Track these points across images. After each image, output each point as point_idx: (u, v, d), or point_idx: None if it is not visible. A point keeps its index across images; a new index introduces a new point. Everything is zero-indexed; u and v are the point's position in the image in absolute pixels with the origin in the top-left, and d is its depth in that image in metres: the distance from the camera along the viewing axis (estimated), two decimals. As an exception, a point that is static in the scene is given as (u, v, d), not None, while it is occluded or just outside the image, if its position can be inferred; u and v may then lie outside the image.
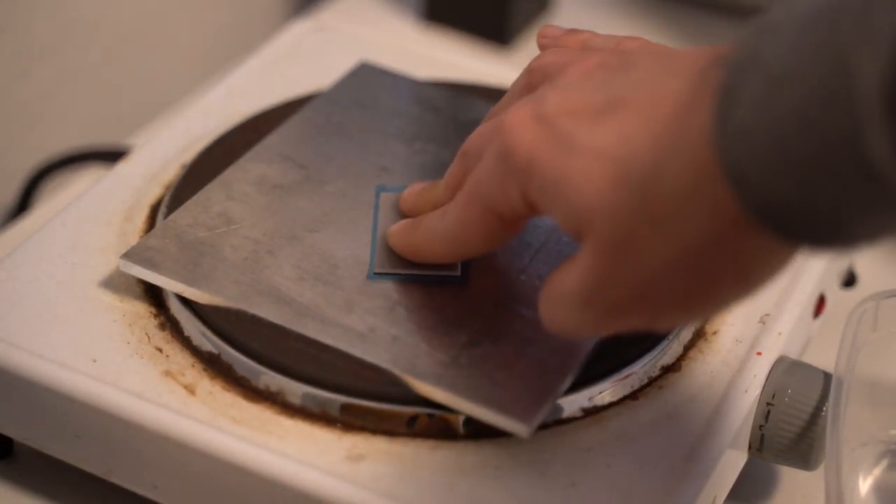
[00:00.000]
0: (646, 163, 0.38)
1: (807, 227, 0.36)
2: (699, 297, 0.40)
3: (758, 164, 0.35)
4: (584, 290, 0.41)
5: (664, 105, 0.39)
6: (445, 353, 0.48)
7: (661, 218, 0.38)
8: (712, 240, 0.38)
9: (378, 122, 0.60)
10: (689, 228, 0.38)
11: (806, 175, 0.35)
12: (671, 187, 0.38)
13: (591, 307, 0.41)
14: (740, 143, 0.36)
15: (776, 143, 0.35)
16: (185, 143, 0.61)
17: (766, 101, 0.35)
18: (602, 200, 0.39)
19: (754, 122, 0.35)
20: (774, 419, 0.51)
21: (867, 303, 0.53)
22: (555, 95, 0.42)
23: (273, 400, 0.49)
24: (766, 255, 0.38)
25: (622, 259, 0.39)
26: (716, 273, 0.39)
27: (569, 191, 0.40)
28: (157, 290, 0.53)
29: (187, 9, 0.83)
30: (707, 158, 0.37)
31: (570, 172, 0.40)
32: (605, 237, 0.39)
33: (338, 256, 0.52)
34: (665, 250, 0.38)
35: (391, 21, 0.80)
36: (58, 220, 0.56)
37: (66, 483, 0.53)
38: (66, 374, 0.49)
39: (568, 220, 0.41)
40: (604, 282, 0.40)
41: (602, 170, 0.39)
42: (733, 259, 0.38)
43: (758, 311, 0.54)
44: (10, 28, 0.71)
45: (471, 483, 0.47)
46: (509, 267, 0.52)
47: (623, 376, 0.50)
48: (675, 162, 0.38)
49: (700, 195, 0.37)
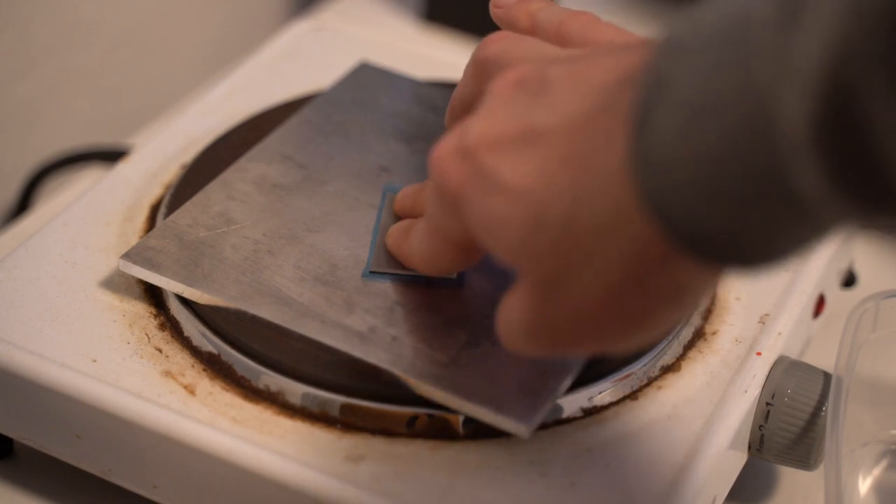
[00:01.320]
0: (564, 201, 0.38)
1: (733, 253, 0.36)
2: (636, 324, 0.40)
3: (678, 196, 0.35)
4: (525, 323, 0.41)
5: (577, 137, 0.38)
6: (445, 354, 0.48)
7: (584, 255, 0.38)
8: (639, 272, 0.37)
9: (378, 122, 0.60)
10: (614, 263, 0.38)
11: (730, 206, 0.34)
12: (591, 225, 0.37)
13: (535, 338, 0.41)
14: (658, 176, 0.35)
15: (695, 175, 0.34)
16: (185, 143, 0.61)
17: (682, 134, 0.34)
18: (523, 241, 0.39)
19: (672, 154, 0.35)
20: (774, 419, 0.51)
21: (867, 303, 0.53)
22: (477, 125, 0.41)
23: (273, 400, 0.49)
24: (696, 279, 0.38)
25: (551, 296, 0.39)
26: (647, 302, 0.39)
27: (494, 232, 0.40)
28: (157, 291, 0.53)
29: (187, 9, 0.83)
30: (626, 192, 0.36)
31: (493, 214, 0.40)
32: (533, 276, 0.39)
33: (338, 256, 0.52)
34: (593, 285, 0.38)
35: (391, 21, 0.80)
36: (58, 220, 0.56)
37: (66, 483, 0.53)
38: (66, 374, 0.49)
39: (500, 255, 0.41)
40: (540, 316, 0.40)
41: (521, 210, 0.39)
42: (663, 287, 0.38)
43: (757, 312, 0.54)
44: (9, 28, 0.71)
45: (471, 483, 0.47)
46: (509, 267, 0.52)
47: (623, 376, 0.50)
48: (593, 198, 0.37)
49: (622, 230, 0.37)
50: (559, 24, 0.47)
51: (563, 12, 0.48)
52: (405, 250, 0.50)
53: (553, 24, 0.47)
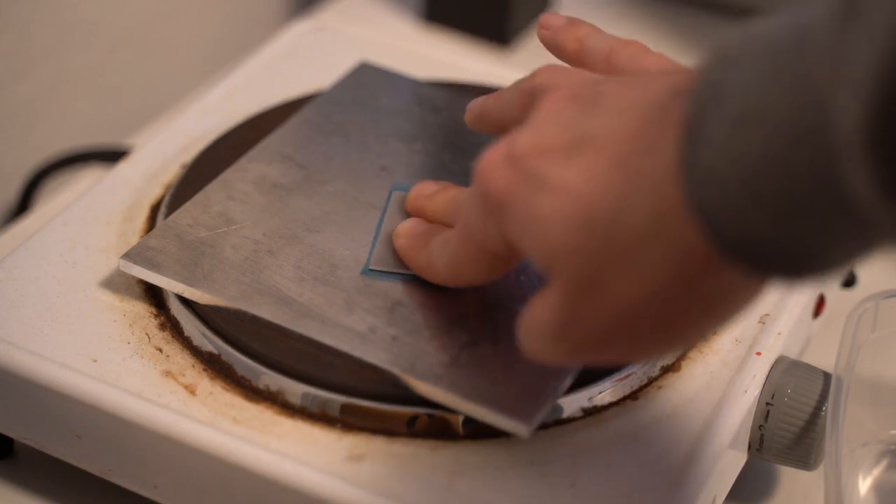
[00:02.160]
0: (611, 203, 0.38)
1: (780, 262, 0.36)
2: (668, 333, 0.40)
3: (727, 202, 0.35)
4: (554, 327, 0.40)
5: (628, 142, 0.38)
6: (445, 354, 0.48)
7: (627, 258, 0.38)
8: (680, 279, 0.38)
9: (378, 122, 0.60)
10: (656, 268, 0.38)
11: (778, 212, 0.34)
12: (637, 228, 0.37)
13: (561, 342, 0.41)
14: (708, 182, 0.35)
15: (745, 181, 0.34)
16: (185, 143, 0.61)
17: (733, 139, 0.34)
18: (567, 240, 0.39)
19: (721, 161, 0.35)
20: (774, 419, 0.51)
21: (867, 303, 0.53)
22: (526, 136, 0.42)
23: (273, 400, 0.49)
24: (736, 290, 0.38)
25: (588, 298, 0.39)
26: (684, 310, 0.39)
27: (537, 229, 0.40)
28: (158, 291, 0.53)
29: (187, 9, 0.83)
30: (673, 198, 0.36)
31: (539, 211, 0.40)
32: (571, 276, 0.39)
33: (338, 256, 0.52)
34: (631, 290, 0.38)
35: (391, 21, 0.80)
36: (58, 220, 0.56)
37: (66, 483, 0.53)
38: (67, 374, 0.49)
39: (538, 257, 0.41)
40: (571, 319, 0.40)
41: (569, 209, 0.39)
42: (702, 296, 0.38)
43: (758, 312, 0.54)
44: (9, 28, 0.71)
45: (471, 483, 0.47)
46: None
47: (623, 376, 0.50)
48: (640, 202, 0.37)
49: (667, 235, 0.37)
50: (609, 52, 0.47)
51: (613, 40, 0.48)
52: (423, 260, 0.50)
53: (603, 51, 0.47)
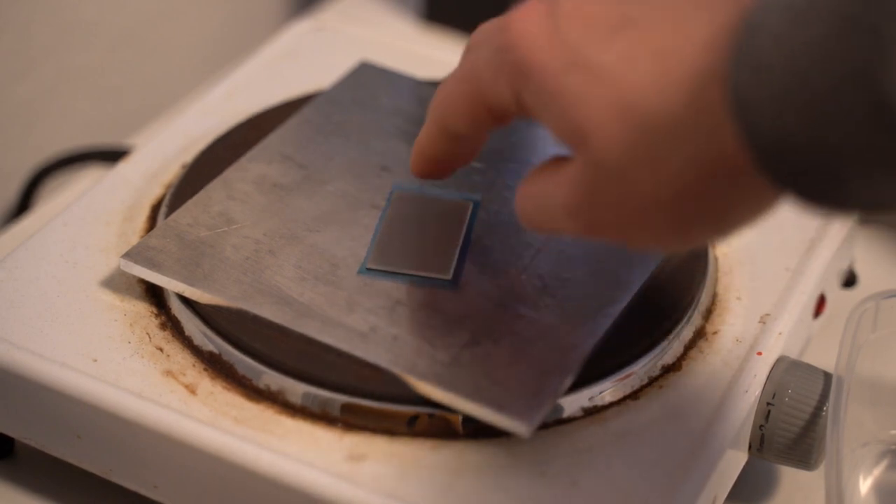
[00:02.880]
0: (650, 95, 0.37)
1: (807, 174, 0.35)
2: (679, 229, 0.39)
3: (769, 100, 0.35)
4: (570, 206, 0.40)
5: (680, 37, 0.37)
6: (446, 353, 0.48)
7: (658, 152, 0.37)
8: (706, 180, 0.37)
9: (378, 121, 0.60)
10: (685, 166, 0.37)
11: (817, 112, 0.34)
12: (673, 123, 0.37)
13: (572, 220, 0.40)
14: (754, 79, 0.35)
15: (791, 76, 0.34)
16: (185, 143, 0.61)
17: (786, 36, 0.34)
18: (600, 125, 0.38)
19: (770, 57, 0.34)
20: (775, 419, 0.51)
21: (867, 303, 0.53)
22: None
23: (274, 400, 0.49)
24: (754, 201, 0.38)
25: (612, 186, 0.39)
26: (701, 211, 0.38)
27: (566, 107, 0.39)
28: (158, 290, 0.53)
29: (187, 9, 0.83)
30: (716, 98, 0.36)
31: (570, 89, 0.39)
32: (598, 162, 0.39)
33: (338, 256, 0.52)
34: (656, 184, 0.38)
35: (391, 21, 0.80)
36: (58, 220, 0.56)
37: (66, 483, 0.53)
38: (67, 374, 0.49)
39: (561, 133, 0.40)
40: (590, 202, 0.40)
41: (604, 93, 0.38)
42: (724, 200, 0.38)
43: (758, 311, 0.54)
44: (9, 28, 0.71)
45: (471, 483, 0.47)
46: (510, 267, 0.52)
47: (623, 376, 0.50)
48: (681, 97, 0.37)
49: (702, 134, 0.37)
50: None
51: None
52: (418, 139, 0.48)
53: None
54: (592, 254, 0.53)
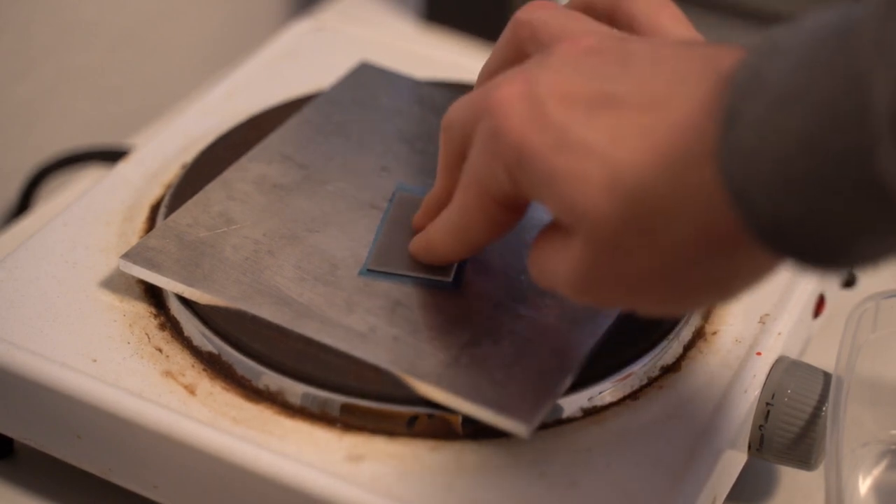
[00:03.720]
0: (640, 170, 0.38)
1: (809, 247, 0.36)
2: (683, 299, 0.40)
3: (760, 184, 0.35)
4: (572, 278, 0.41)
5: (663, 116, 0.38)
6: (446, 354, 0.48)
7: (653, 227, 0.38)
8: (703, 252, 0.38)
9: (378, 122, 0.60)
10: (681, 239, 0.38)
11: (809, 196, 0.35)
12: (666, 199, 0.37)
13: (579, 295, 0.41)
14: (744, 163, 0.35)
15: (780, 161, 0.35)
16: (185, 143, 0.61)
17: (771, 121, 0.35)
18: (593, 204, 0.39)
19: (756, 143, 0.35)
20: (774, 419, 0.51)
21: (867, 303, 0.53)
22: (547, 76, 0.40)
23: (273, 400, 0.49)
24: (754, 267, 0.38)
25: (611, 261, 0.39)
26: (702, 281, 0.39)
27: (560, 188, 0.39)
28: (158, 291, 0.53)
29: (187, 9, 0.83)
30: (707, 176, 0.36)
31: (562, 169, 0.39)
32: (595, 238, 0.39)
33: (338, 256, 0.52)
34: (654, 258, 0.38)
35: (391, 21, 0.80)
36: (58, 220, 0.56)
37: (66, 483, 0.53)
38: (67, 374, 0.49)
39: (558, 211, 0.40)
40: (590, 274, 0.40)
41: (594, 171, 0.39)
42: (722, 270, 0.38)
43: (758, 311, 0.54)
44: (9, 28, 0.71)
45: (471, 483, 0.47)
46: (509, 267, 0.52)
47: (623, 376, 0.50)
48: (671, 175, 0.37)
49: (694, 210, 0.37)
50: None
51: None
52: (426, 237, 0.49)
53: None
54: None
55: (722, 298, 0.40)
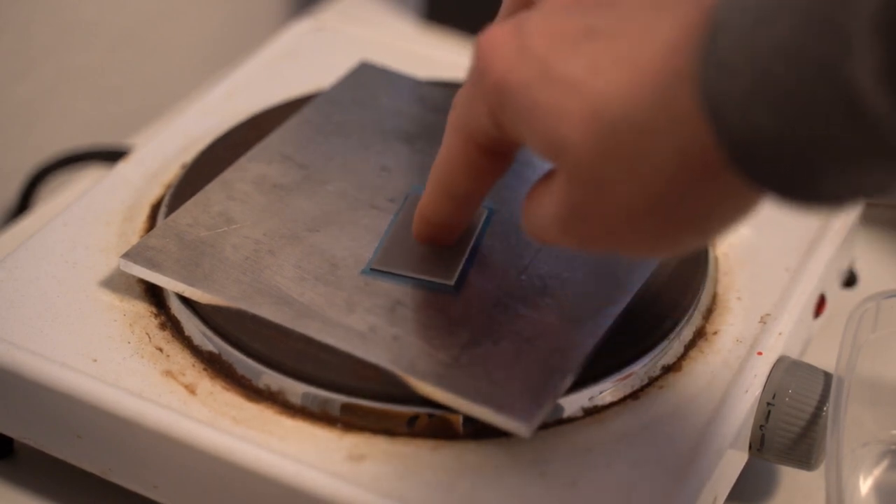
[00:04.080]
0: (618, 100, 0.38)
1: (780, 169, 0.35)
2: (665, 238, 0.40)
3: (737, 96, 0.35)
4: (559, 219, 0.41)
5: (645, 42, 0.38)
6: (446, 353, 0.48)
7: (632, 157, 0.38)
8: (684, 181, 0.37)
9: (378, 121, 0.60)
10: (662, 168, 0.37)
11: (785, 107, 0.34)
12: (644, 126, 0.37)
13: (565, 234, 0.41)
14: (721, 76, 0.35)
15: (757, 73, 0.34)
16: (185, 143, 0.61)
17: (752, 34, 0.34)
18: (574, 137, 0.38)
19: (737, 55, 0.35)
20: (775, 419, 0.51)
21: (867, 303, 0.53)
22: (536, 18, 0.41)
23: (273, 400, 0.49)
24: (735, 200, 0.38)
25: (593, 196, 0.39)
26: (681, 214, 0.39)
27: (540, 122, 0.39)
28: (158, 290, 0.53)
29: (187, 9, 0.83)
30: (685, 97, 0.36)
31: (543, 103, 0.39)
32: (577, 173, 0.39)
33: (338, 256, 0.52)
34: (636, 188, 0.38)
35: (391, 21, 0.80)
36: (58, 220, 0.56)
37: (66, 483, 0.53)
38: (67, 374, 0.49)
39: (539, 147, 0.40)
40: (577, 214, 0.40)
41: (573, 104, 0.38)
42: (703, 201, 0.38)
43: (758, 311, 0.54)
44: (9, 28, 0.71)
45: (471, 483, 0.47)
46: (510, 267, 0.52)
47: (623, 376, 0.50)
48: (650, 100, 0.37)
49: (674, 135, 0.37)
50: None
51: None
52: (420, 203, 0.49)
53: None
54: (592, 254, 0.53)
55: (706, 235, 0.40)
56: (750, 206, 0.39)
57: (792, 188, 0.36)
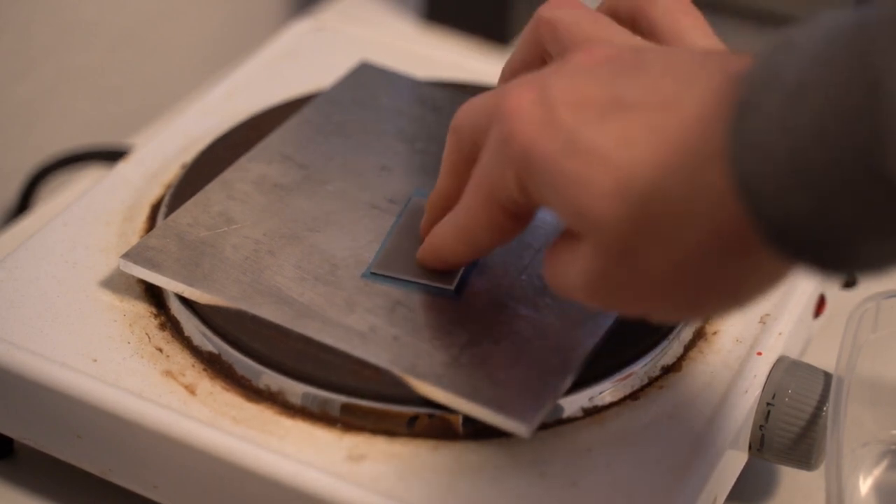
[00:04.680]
0: (648, 173, 0.38)
1: (816, 247, 0.35)
2: (695, 305, 0.40)
3: (772, 178, 0.35)
4: (586, 285, 0.40)
5: (674, 114, 0.38)
6: (446, 353, 0.48)
7: (663, 231, 0.38)
8: (714, 256, 0.37)
9: (378, 121, 0.60)
10: (691, 243, 0.37)
11: (820, 190, 0.34)
12: (675, 203, 0.37)
13: (591, 300, 0.41)
14: (755, 157, 0.35)
15: (792, 155, 0.34)
16: (185, 143, 0.61)
17: (784, 114, 0.35)
18: (602, 209, 0.38)
19: (770, 136, 0.35)
20: (775, 419, 0.51)
21: (867, 303, 0.53)
22: (560, 82, 0.40)
23: (273, 400, 0.49)
24: (767, 271, 0.38)
25: (621, 267, 0.39)
26: (712, 285, 0.39)
27: (568, 193, 0.39)
28: (158, 290, 0.53)
29: (187, 9, 0.83)
30: (716, 176, 0.36)
31: (570, 174, 0.39)
32: (605, 244, 0.39)
33: (338, 256, 0.52)
34: (664, 263, 0.38)
35: (391, 21, 0.80)
36: (58, 220, 0.56)
37: (66, 483, 0.53)
38: (67, 374, 0.49)
39: (567, 217, 0.40)
40: (601, 280, 0.40)
41: (602, 176, 0.38)
42: (732, 275, 0.38)
43: (758, 312, 0.54)
44: (9, 28, 0.71)
45: (471, 483, 0.47)
46: (510, 267, 0.52)
47: (623, 376, 0.50)
48: (681, 177, 0.37)
49: (705, 212, 0.37)
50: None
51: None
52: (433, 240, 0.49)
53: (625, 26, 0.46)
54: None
55: (734, 305, 0.40)
56: (783, 276, 0.39)
57: (830, 262, 0.36)
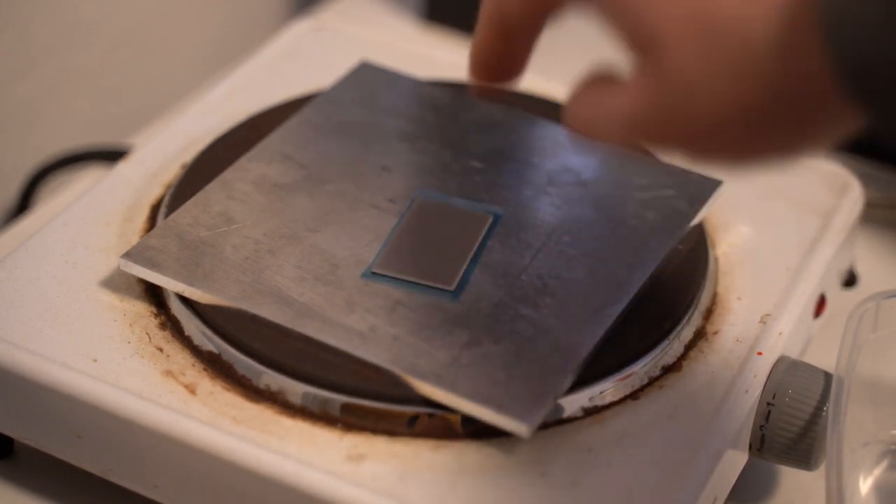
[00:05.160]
0: (730, 8, 0.36)
1: (891, 96, 0.33)
2: (747, 149, 0.38)
3: (860, 15, 0.33)
4: (635, 120, 0.38)
5: None
6: (446, 353, 0.48)
7: (735, 67, 0.36)
8: (785, 99, 0.36)
9: (379, 121, 0.60)
10: (765, 85, 0.36)
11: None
12: (754, 37, 0.35)
13: (636, 130, 0.39)
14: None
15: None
16: (185, 143, 0.61)
17: None
18: (675, 32, 0.36)
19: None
20: (775, 419, 0.51)
21: (867, 303, 0.53)
22: None
23: (274, 400, 0.49)
24: (830, 121, 0.36)
25: (683, 99, 0.37)
26: (774, 131, 0.37)
27: (640, 7, 0.37)
28: (158, 290, 0.53)
29: (187, 9, 0.83)
30: (802, 13, 0.34)
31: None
32: (670, 71, 0.37)
33: (338, 256, 0.52)
34: (730, 101, 0.36)
35: (391, 21, 0.80)
36: (58, 220, 0.56)
37: (66, 483, 0.53)
38: (67, 374, 0.49)
39: (630, 35, 0.38)
40: (658, 114, 0.38)
41: (680, 1, 0.36)
42: (798, 121, 0.36)
43: (759, 311, 0.54)
44: (9, 28, 0.71)
45: (471, 483, 0.47)
46: (510, 267, 0.52)
47: (624, 376, 0.50)
48: (764, 12, 0.35)
49: (785, 51, 0.35)
50: None
51: None
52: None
53: None
54: (592, 254, 0.53)
55: (790, 154, 0.38)
56: (845, 129, 0.37)
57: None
